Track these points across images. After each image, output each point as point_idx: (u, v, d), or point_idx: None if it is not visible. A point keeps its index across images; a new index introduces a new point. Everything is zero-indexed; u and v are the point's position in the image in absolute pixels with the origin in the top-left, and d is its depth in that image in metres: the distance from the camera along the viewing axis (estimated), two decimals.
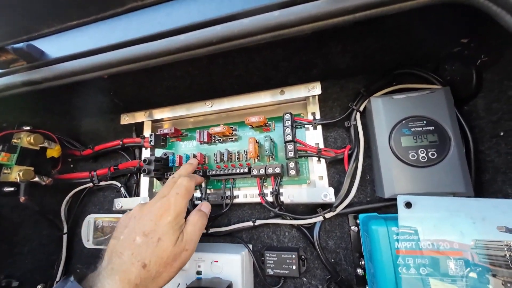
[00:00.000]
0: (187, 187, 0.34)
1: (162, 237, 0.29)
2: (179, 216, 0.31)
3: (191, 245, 0.31)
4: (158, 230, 0.29)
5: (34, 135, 0.46)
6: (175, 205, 0.31)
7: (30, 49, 0.35)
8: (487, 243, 0.28)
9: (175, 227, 0.30)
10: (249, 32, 0.28)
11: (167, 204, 0.31)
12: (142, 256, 0.27)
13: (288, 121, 0.42)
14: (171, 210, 0.31)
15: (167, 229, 0.29)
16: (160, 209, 0.31)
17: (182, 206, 0.32)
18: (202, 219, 0.34)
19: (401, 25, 0.33)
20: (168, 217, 0.30)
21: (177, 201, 0.32)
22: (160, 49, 0.31)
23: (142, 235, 0.29)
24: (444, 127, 0.35)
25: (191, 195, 0.34)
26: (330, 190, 0.37)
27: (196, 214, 0.34)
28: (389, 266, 0.31)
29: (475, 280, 0.28)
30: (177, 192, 0.32)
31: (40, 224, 0.51)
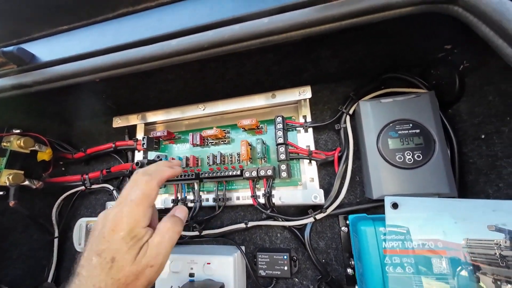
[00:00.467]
0: (144, 190, 0.28)
1: (117, 256, 0.25)
2: (136, 228, 0.26)
3: (157, 260, 0.26)
4: (111, 247, 0.25)
5: (24, 138, 0.46)
6: (129, 216, 0.26)
7: (20, 53, 0.34)
8: (478, 242, 0.29)
9: (130, 242, 0.25)
10: (239, 38, 0.28)
11: (119, 216, 0.26)
12: (97, 280, 0.24)
13: (279, 124, 0.43)
14: (123, 223, 0.26)
15: (120, 246, 0.25)
16: (112, 222, 0.26)
17: (138, 215, 0.27)
18: (174, 226, 0.29)
19: (387, 32, 0.34)
20: (120, 232, 0.26)
21: (131, 211, 0.26)
22: (151, 53, 0.31)
23: (96, 254, 0.25)
24: (429, 130, 0.36)
25: (151, 199, 0.28)
26: (320, 192, 0.38)
27: (167, 221, 0.29)
28: (376, 265, 0.32)
29: (466, 278, 0.28)
30: (131, 199, 0.27)
31: (30, 228, 0.51)
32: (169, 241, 0.28)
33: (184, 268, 0.40)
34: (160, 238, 0.27)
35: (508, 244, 0.27)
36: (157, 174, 0.30)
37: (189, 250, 0.44)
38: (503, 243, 0.28)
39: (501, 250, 0.27)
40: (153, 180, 0.29)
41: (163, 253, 0.27)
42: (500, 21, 0.20)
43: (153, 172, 0.30)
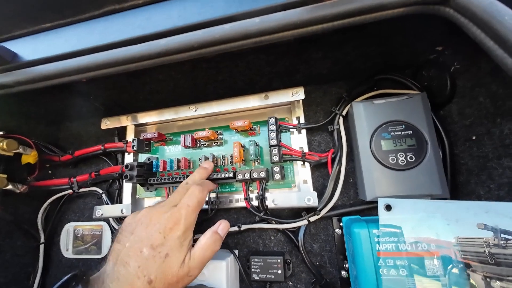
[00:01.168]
0: (199, 198, 0.31)
1: (170, 253, 0.27)
2: (188, 231, 0.29)
3: (195, 272, 0.28)
4: (166, 244, 0.27)
5: (7, 141, 0.44)
6: (186, 218, 0.29)
7: (1, 51, 0.33)
8: (467, 240, 0.29)
9: (183, 242, 0.28)
10: (231, 37, 0.28)
11: (177, 217, 0.29)
12: (149, 271, 0.26)
13: (272, 125, 0.42)
14: (181, 224, 0.28)
15: (176, 245, 0.27)
16: (169, 221, 0.28)
17: (192, 219, 0.30)
18: (215, 244, 0.31)
19: (379, 33, 0.34)
20: (177, 231, 0.28)
21: (188, 214, 0.29)
22: (140, 53, 0.30)
23: (150, 247, 0.27)
24: (421, 131, 0.36)
25: (201, 206, 0.32)
26: (313, 194, 0.38)
27: (210, 237, 0.31)
28: (370, 267, 0.32)
29: (457, 276, 0.29)
30: (188, 204, 0.30)
31: (14, 234, 0.49)
32: (207, 258, 0.30)
33: None
34: (202, 252, 0.29)
35: (496, 242, 0.28)
36: (207, 185, 0.35)
37: None
38: (491, 240, 0.28)
39: (490, 247, 0.28)
40: (205, 191, 0.33)
41: (200, 268, 0.29)
42: (491, 23, 0.20)
43: (203, 183, 0.35)
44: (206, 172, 0.39)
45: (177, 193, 0.32)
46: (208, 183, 0.36)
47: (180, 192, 0.32)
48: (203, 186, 0.33)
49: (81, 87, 0.43)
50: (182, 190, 0.32)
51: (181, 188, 0.33)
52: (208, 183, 0.36)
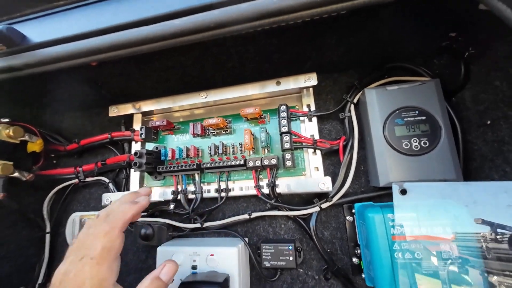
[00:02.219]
0: (104, 244, 0.25)
1: None
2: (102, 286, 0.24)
3: None
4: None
5: (13, 127, 0.43)
6: (91, 277, 0.23)
7: (10, 33, 0.32)
8: (465, 236, 0.29)
9: None
10: (248, 17, 0.27)
11: (80, 277, 0.23)
12: None
13: (283, 113, 0.42)
14: (86, 286, 0.23)
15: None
16: (72, 281, 0.23)
17: (102, 274, 0.24)
18: None
19: (394, 17, 0.34)
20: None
21: (92, 271, 0.23)
22: (153, 34, 0.29)
23: None
24: (435, 117, 0.36)
25: (114, 252, 0.25)
26: (327, 179, 0.38)
27: (148, 286, 0.26)
28: (385, 252, 0.32)
29: (455, 271, 0.29)
30: (91, 257, 0.24)
31: (18, 224, 0.48)
32: None
33: (186, 261, 0.39)
34: None
35: (493, 237, 0.28)
36: (118, 219, 0.27)
37: (191, 243, 0.42)
38: (488, 235, 0.28)
39: (487, 242, 0.28)
40: (114, 230, 0.26)
41: None
42: None
43: (113, 217, 0.27)
44: (128, 199, 0.30)
45: (82, 235, 0.26)
46: (122, 213, 0.28)
47: (85, 235, 0.26)
48: (112, 223, 0.26)
49: (89, 73, 0.42)
50: (87, 231, 0.26)
51: (86, 225, 0.27)
52: (122, 213, 0.28)
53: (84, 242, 0.26)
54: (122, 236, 0.27)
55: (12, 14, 0.30)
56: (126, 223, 0.27)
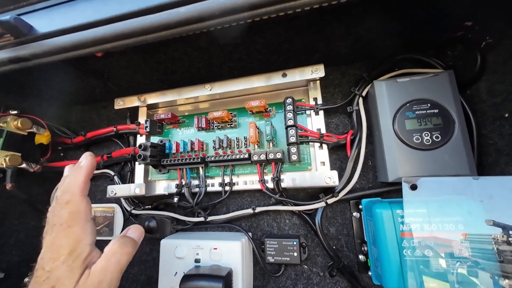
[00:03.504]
0: (70, 209, 0.26)
1: (56, 284, 0.23)
2: (78, 248, 0.24)
3: (103, 285, 0.24)
4: (51, 277, 0.23)
5: (21, 119, 0.44)
6: (65, 237, 0.24)
7: (17, 23, 0.32)
8: (476, 237, 0.28)
9: (72, 264, 0.24)
10: (255, 4, 0.26)
11: (57, 242, 0.24)
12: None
13: (289, 106, 0.41)
14: (62, 247, 0.24)
15: (62, 272, 0.23)
16: (51, 250, 0.24)
17: (76, 234, 0.25)
18: (123, 248, 0.27)
19: (405, 6, 0.32)
20: (60, 257, 0.24)
21: (66, 233, 0.25)
22: (158, 22, 0.29)
23: (36, 283, 0.23)
24: (448, 110, 0.34)
25: (83, 214, 0.26)
26: (333, 173, 0.37)
27: (114, 243, 0.27)
28: (394, 249, 0.31)
29: (464, 274, 0.28)
30: (61, 223, 0.25)
31: (27, 214, 0.49)
32: (115, 265, 0.25)
33: (189, 254, 0.39)
34: (105, 262, 0.25)
35: (505, 239, 0.27)
36: (73, 185, 0.27)
37: (195, 236, 0.42)
38: (500, 237, 0.27)
39: (498, 245, 0.27)
40: (74, 196, 0.26)
41: (108, 279, 0.24)
42: None
43: (68, 186, 0.27)
44: (72, 168, 0.30)
45: (49, 212, 0.27)
46: (74, 179, 0.28)
47: (50, 211, 0.27)
48: (68, 191, 0.27)
49: (96, 65, 0.42)
50: (51, 208, 0.27)
51: (54, 204, 0.27)
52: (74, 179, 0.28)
53: (52, 218, 0.26)
54: (86, 199, 0.27)
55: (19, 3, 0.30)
56: (83, 186, 0.28)
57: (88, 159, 0.30)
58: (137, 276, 0.48)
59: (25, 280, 0.47)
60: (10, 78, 0.42)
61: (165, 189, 0.46)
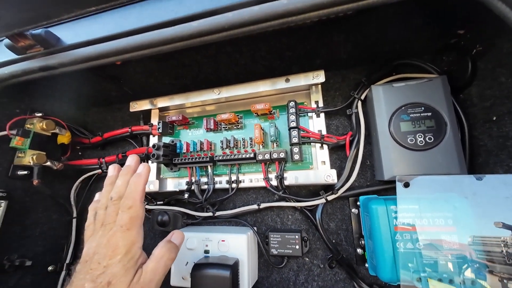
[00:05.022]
0: (131, 214, 0.28)
1: (113, 280, 0.25)
2: (132, 249, 0.27)
3: (150, 286, 0.27)
4: (107, 272, 0.25)
5: (46, 121, 0.48)
6: (123, 238, 0.27)
7: (47, 35, 0.36)
8: (484, 239, 0.29)
9: (127, 264, 0.26)
10: (259, 18, 0.29)
11: (114, 241, 0.27)
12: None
13: (292, 108, 0.44)
14: (120, 247, 0.27)
15: (117, 270, 0.26)
16: (107, 247, 0.27)
17: (132, 237, 0.28)
18: (170, 253, 0.30)
19: (401, 15, 0.35)
20: (117, 255, 0.26)
21: (124, 235, 0.27)
22: (173, 35, 0.32)
23: (90, 281, 0.25)
24: (440, 113, 0.37)
25: (140, 219, 0.29)
26: (332, 172, 0.39)
27: (162, 247, 0.30)
28: (387, 241, 0.33)
29: (473, 277, 0.28)
30: (120, 225, 0.28)
31: (50, 208, 0.53)
32: (163, 267, 0.29)
33: (199, 245, 0.42)
34: (155, 264, 0.28)
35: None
36: (134, 193, 0.30)
37: (204, 229, 0.45)
38: (509, 240, 0.27)
39: (507, 247, 0.27)
40: (135, 202, 0.30)
41: (157, 280, 0.28)
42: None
43: (130, 193, 0.30)
44: (131, 169, 0.33)
45: (107, 212, 0.30)
46: (135, 188, 0.31)
47: (109, 212, 0.30)
48: (130, 198, 0.30)
49: (113, 71, 0.46)
50: (111, 208, 0.30)
51: (109, 205, 0.30)
52: (135, 188, 0.31)
53: (107, 219, 0.29)
54: (143, 206, 0.31)
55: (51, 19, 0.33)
56: (143, 193, 0.31)
57: (146, 167, 0.34)
58: None
59: (49, 268, 0.51)
60: (36, 84, 0.47)
61: (176, 186, 0.50)
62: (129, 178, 0.32)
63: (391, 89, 0.39)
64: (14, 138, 0.44)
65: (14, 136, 0.44)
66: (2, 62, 0.39)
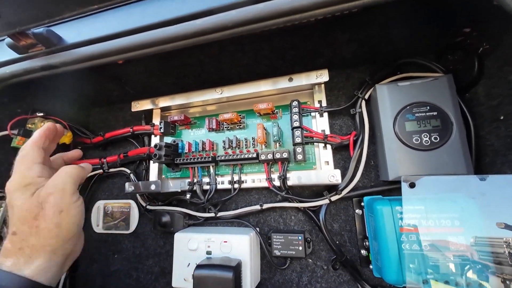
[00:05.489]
0: (19, 156, 0.33)
1: (12, 202, 0.30)
2: (25, 178, 0.31)
3: (55, 188, 0.30)
4: (9, 199, 0.30)
5: (47, 121, 0.47)
6: (15, 174, 0.31)
7: (49, 34, 0.36)
8: (486, 240, 0.28)
9: (23, 188, 0.30)
10: (263, 17, 0.29)
11: (11, 179, 0.31)
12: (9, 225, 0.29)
13: (295, 108, 0.43)
14: (13, 180, 0.31)
15: (15, 195, 0.30)
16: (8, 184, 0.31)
17: (23, 171, 0.31)
18: (72, 168, 0.33)
19: (406, 13, 0.34)
20: (14, 185, 0.30)
21: (16, 172, 0.31)
22: (176, 33, 0.32)
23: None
24: (446, 113, 0.36)
25: (29, 157, 0.33)
26: (336, 172, 0.39)
27: (65, 166, 0.34)
28: (393, 243, 0.33)
29: (475, 278, 0.28)
30: (13, 169, 0.32)
31: None
32: (65, 175, 0.31)
33: (201, 246, 0.41)
34: (57, 174, 0.31)
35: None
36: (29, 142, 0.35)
37: (206, 230, 0.45)
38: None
39: (510, 248, 0.27)
40: (25, 147, 0.34)
41: (61, 182, 0.30)
42: None
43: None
44: (44, 132, 0.37)
45: None
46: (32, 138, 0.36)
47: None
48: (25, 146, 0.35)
49: (115, 71, 0.46)
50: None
51: None
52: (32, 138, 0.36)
53: None
54: (33, 148, 0.34)
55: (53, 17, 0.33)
56: (38, 140, 0.35)
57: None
58: (152, 268, 0.51)
59: None
60: (38, 83, 0.46)
61: (178, 186, 0.49)
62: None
63: (396, 88, 0.39)
64: (15, 138, 0.44)
65: (15, 136, 0.44)
66: (4, 62, 0.39)
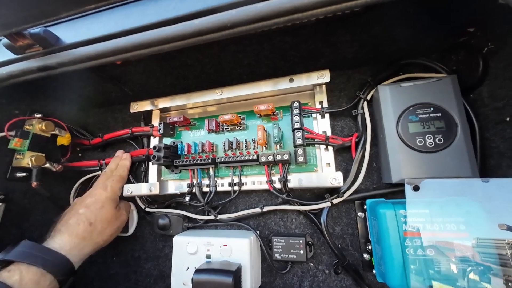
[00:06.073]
0: (124, 171, 0.49)
1: (104, 205, 0.42)
2: (117, 194, 0.45)
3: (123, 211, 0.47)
4: (98, 200, 0.42)
5: (45, 122, 0.47)
6: (112, 186, 0.45)
7: (46, 35, 0.35)
8: (488, 242, 0.28)
9: (111, 202, 0.44)
10: (264, 16, 0.28)
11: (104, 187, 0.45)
12: (88, 217, 0.40)
13: (296, 109, 0.43)
14: (108, 189, 0.44)
15: (106, 200, 0.43)
16: (97, 188, 0.44)
17: (119, 187, 0.47)
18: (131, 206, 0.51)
19: (408, 13, 0.34)
20: (106, 193, 0.44)
21: (113, 183, 0.46)
22: (175, 33, 0.31)
23: (85, 206, 0.41)
24: (451, 114, 0.35)
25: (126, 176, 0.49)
26: (338, 174, 0.38)
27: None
28: (396, 247, 0.32)
29: (477, 280, 0.28)
30: (112, 179, 0.46)
31: (49, 211, 0.52)
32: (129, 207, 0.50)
33: (200, 250, 0.41)
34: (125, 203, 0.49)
35: None
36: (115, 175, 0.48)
37: (205, 233, 0.44)
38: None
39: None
40: (123, 171, 0.49)
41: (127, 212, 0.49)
42: None
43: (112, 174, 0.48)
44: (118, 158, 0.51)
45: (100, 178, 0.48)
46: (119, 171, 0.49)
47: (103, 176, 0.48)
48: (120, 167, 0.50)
49: (114, 71, 0.45)
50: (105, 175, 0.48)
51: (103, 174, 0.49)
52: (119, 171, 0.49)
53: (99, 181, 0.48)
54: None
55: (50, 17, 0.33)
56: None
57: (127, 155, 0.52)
58: (150, 271, 0.51)
59: None
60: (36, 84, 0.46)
61: (177, 188, 0.49)
62: (118, 161, 0.50)
63: (398, 89, 0.38)
64: (12, 140, 0.44)
65: (12, 137, 0.44)
66: (0, 62, 0.38)
